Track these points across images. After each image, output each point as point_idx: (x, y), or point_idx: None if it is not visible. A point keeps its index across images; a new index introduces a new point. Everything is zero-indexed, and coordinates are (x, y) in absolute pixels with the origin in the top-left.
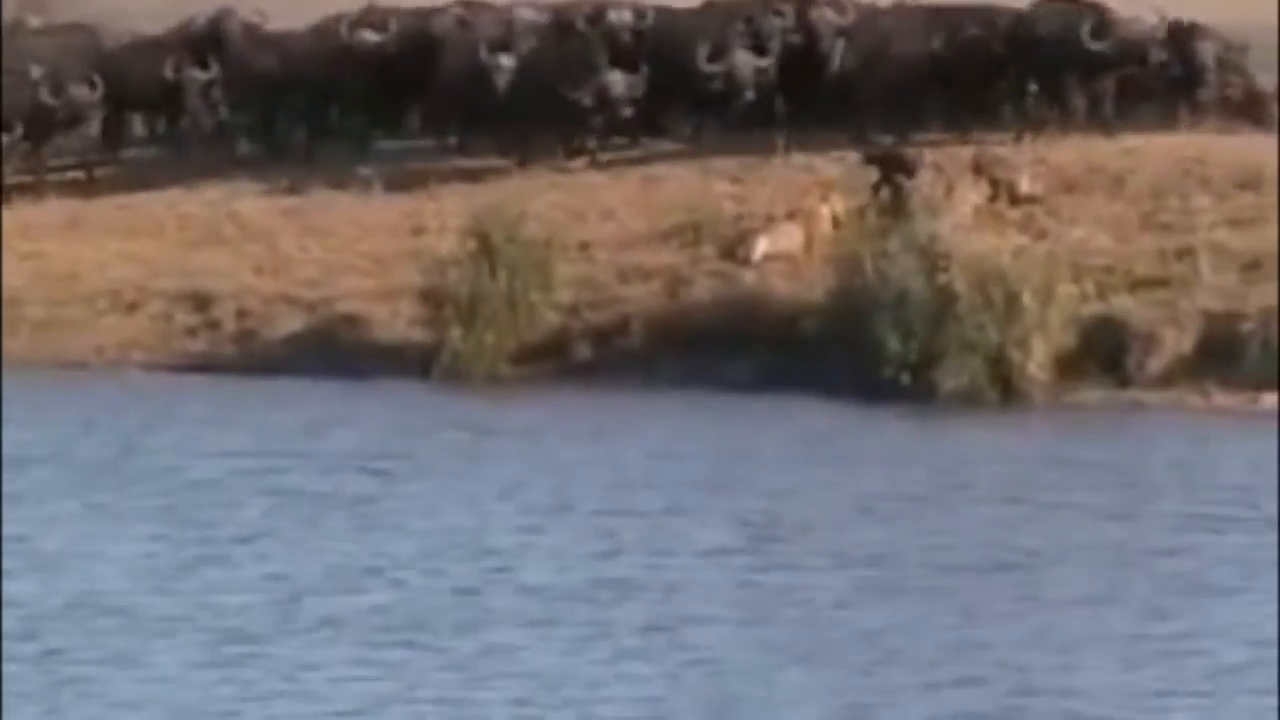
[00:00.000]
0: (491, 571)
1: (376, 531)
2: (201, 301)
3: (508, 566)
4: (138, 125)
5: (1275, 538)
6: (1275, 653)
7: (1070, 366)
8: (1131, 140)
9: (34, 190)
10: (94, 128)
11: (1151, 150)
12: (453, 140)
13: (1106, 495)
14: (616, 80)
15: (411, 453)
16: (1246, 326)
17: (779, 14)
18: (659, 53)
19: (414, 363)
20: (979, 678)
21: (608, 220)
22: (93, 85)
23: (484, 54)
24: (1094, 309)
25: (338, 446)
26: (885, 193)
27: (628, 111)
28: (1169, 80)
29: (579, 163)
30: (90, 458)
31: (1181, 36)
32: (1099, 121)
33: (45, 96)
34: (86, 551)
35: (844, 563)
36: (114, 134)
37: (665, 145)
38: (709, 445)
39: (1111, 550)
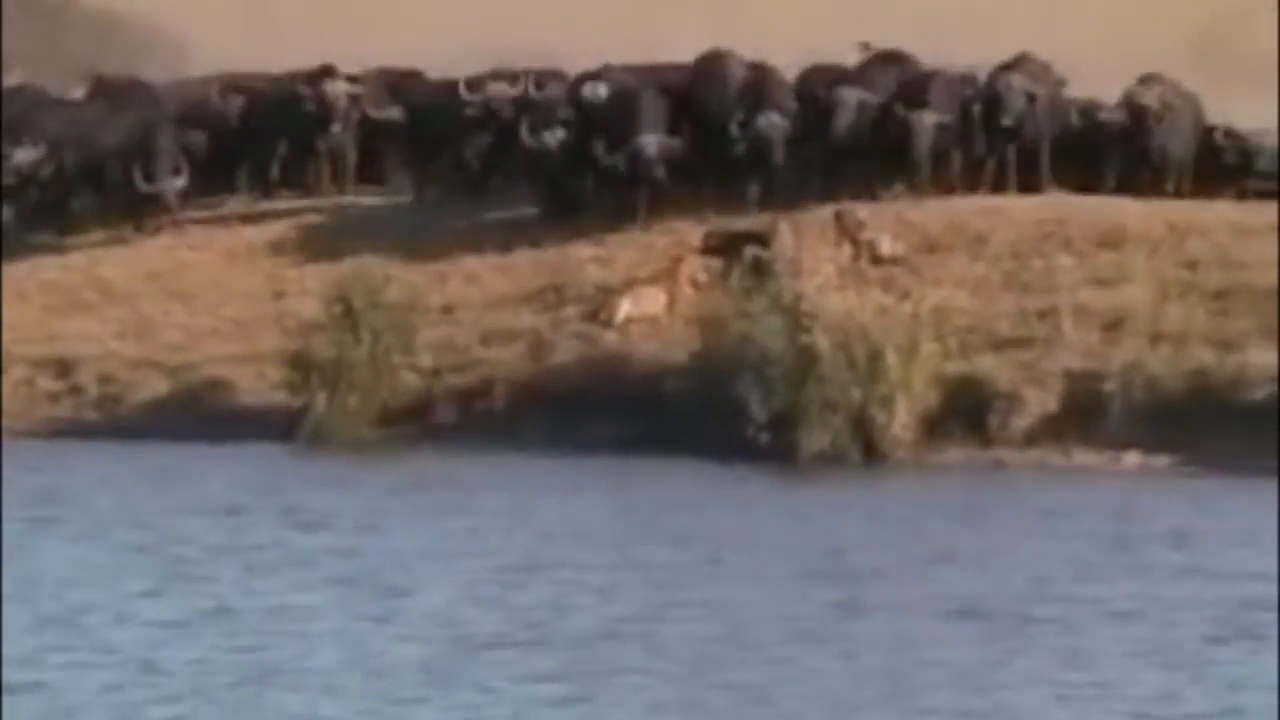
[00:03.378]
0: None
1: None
2: (65, 367)
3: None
4: None
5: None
6: None
7: (933, 426)
8: (992, 201)
9: None
10: None
11: (1012, 210)
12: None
13: (1032, 549)
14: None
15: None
16: (1108, 386)
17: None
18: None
19: (278, 426)
20: None
21: (470, 283)
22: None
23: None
24: (956, 368)
25: (289, 504)
26: (742, 264)
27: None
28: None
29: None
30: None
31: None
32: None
33: None
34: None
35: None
36: None
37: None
38: (611, 506)
39: (1086, 603)
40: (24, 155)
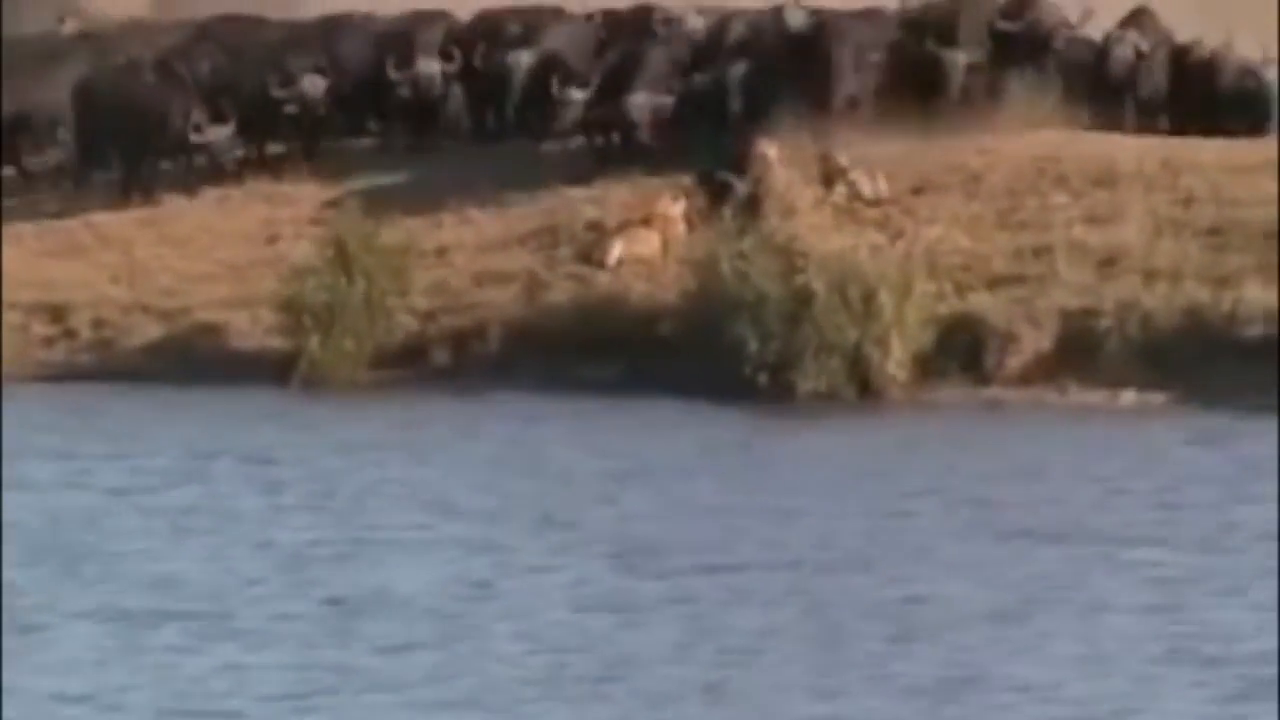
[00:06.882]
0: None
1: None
2: (58, 311)
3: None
4: None
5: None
6: None
7: (928, 365)
8: (986, 139)
9: None
10: None
11: (1007, 149)
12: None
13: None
14: None
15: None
16: (1104, 323)
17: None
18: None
19: (272, 370)
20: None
21: (464, 225)
22: None
23: None
24: (951, 307)
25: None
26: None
27: None
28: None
29: None
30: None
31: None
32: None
33: None
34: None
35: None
36: None
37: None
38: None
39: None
40: (312, 85)
